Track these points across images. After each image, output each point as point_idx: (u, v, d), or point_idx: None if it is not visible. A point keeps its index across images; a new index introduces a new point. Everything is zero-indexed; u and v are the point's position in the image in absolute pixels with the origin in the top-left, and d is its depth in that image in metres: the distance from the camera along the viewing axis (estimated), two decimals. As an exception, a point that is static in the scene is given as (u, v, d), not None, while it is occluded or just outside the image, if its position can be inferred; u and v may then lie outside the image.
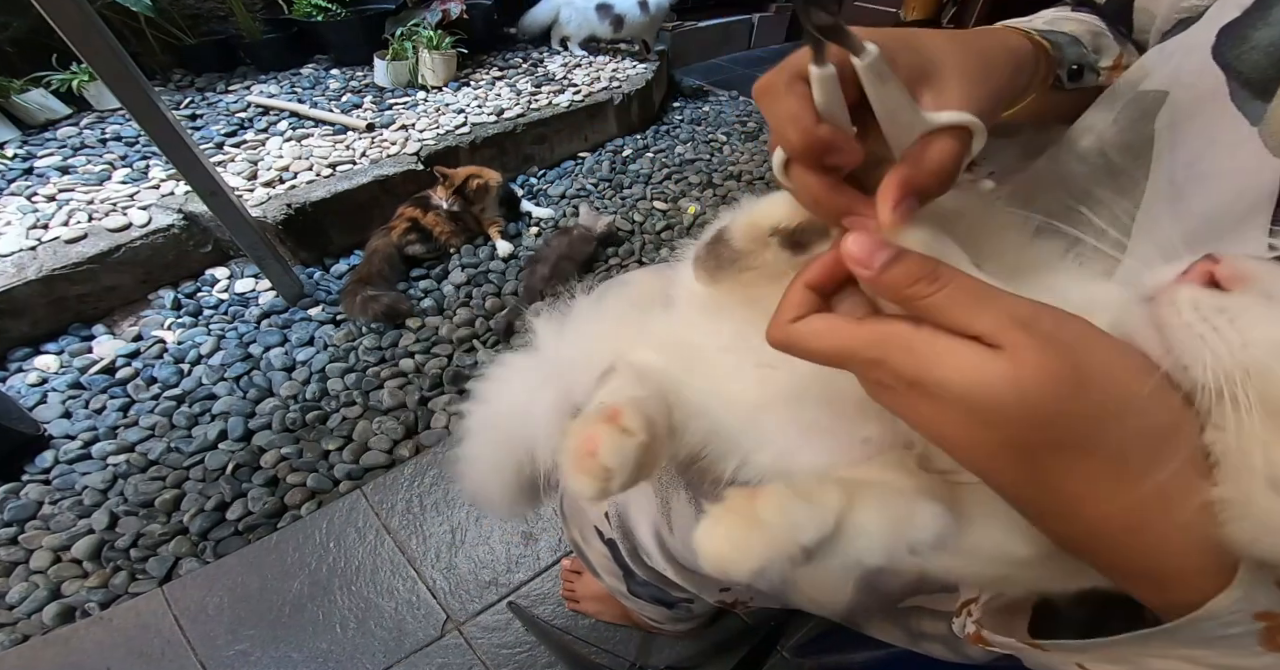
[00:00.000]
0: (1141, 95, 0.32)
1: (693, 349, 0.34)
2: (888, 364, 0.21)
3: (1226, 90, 0.26)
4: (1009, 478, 0.20)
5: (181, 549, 0.91)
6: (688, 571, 0.41)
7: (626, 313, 0.43)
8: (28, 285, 1.15)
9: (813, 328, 0.23)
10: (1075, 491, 0.19)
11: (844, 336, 0.22)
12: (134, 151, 1.55)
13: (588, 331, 0.42)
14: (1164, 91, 0.30)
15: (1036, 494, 0.20)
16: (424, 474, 1.02)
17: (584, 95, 1.92)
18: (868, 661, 0.59)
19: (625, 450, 0.26)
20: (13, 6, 1.58)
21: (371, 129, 1.66)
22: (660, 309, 0.39)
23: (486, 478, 0.46)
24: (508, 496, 0.46)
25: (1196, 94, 0.28)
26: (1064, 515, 0.20)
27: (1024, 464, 0.20)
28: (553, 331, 0.44)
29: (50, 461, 1.01)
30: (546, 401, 0.40)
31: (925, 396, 0.20)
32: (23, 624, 0.83)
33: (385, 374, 1.17)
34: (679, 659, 0.83)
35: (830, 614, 0.37)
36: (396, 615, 0.86)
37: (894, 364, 0.21)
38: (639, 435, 0.27)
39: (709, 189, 1.79)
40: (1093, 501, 0.19)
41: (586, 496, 0.26)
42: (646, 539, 0.40)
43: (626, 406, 0.28)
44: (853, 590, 0.34)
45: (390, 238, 1.40)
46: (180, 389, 1.14)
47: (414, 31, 1.88)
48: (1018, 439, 0.19)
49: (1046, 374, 0.18)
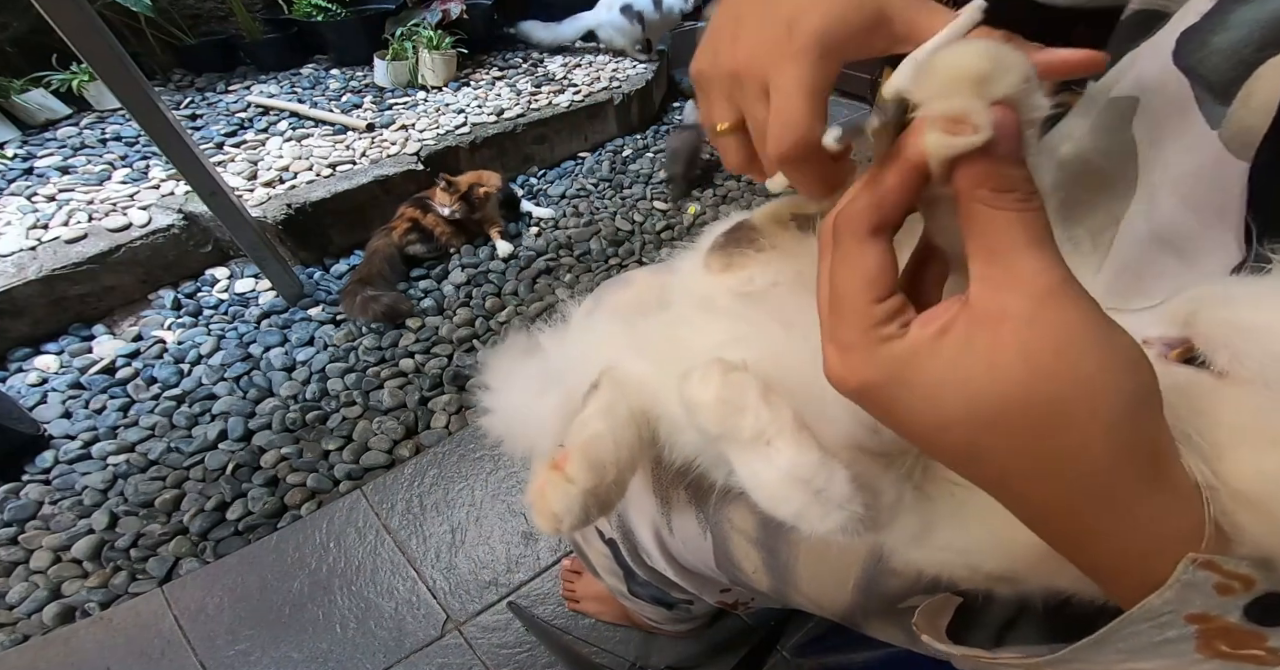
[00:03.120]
0: (1115, 101, 0.32)
1: (686, 351, 0.34)
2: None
3: (1191, 94, 0.27)
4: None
5: (181, 549, 0.91)
6: (688, 572, 0.41)
7: (625, 314, 0.43)
8: (28, 285, 1.15)
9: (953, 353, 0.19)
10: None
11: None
12: (134, 151, 1.55)
13: (587, 336, 0.43)
14: (1135, 97, 0.30)
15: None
16: (424, 474, 1.02)
17: (584, 95, 1.92)
18: (868, 661, 0.59)
19: (569, 497, 0.29)
20: (13, 6, 1.59)
21: (371, 129, 1.66)
22: (656, 310, 0.39)
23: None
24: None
25: (1164, 99, 0.28)
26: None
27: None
28: (555, 335, 0.44)
29: (50, 461, 1.01)
30: (549, 407, 0.40)
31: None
32: (23, 624, 0.83)
33: (385, 374, 1.17)
34: (679, 659, 0.83)
35: (830, 614, 0.37)
36: (396, 615, 0.86)
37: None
38: (580, 483, 0.29)
39: (709, 189, 1.79)
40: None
41: (546, 532, 0.27)
42: (647, 539, 0.40)
43: (576, 452, 0.30)
44: (852, 591, 0.34)
45: (390, 238, 1.40)
46: (180, 389, 1.14)
47: (414, 31, 1.88)
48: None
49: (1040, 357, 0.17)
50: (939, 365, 0.18)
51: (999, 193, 0.18)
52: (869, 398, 0.21)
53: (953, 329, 0.19)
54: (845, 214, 0.21)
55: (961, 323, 0.18)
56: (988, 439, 0.18)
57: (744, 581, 0.37)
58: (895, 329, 0.20)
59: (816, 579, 0.35)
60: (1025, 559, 0.24)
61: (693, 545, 0.38)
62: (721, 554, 0.37)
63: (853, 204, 0.21)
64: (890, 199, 0.20)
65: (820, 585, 0.35)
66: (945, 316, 0.19)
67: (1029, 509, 0.20)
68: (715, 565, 0.38)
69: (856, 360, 0.20)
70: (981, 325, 0.18)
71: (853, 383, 0.21)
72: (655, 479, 0.38)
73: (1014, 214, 0.18)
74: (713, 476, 0.32)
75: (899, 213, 0.21)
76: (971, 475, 0.20)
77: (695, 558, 0.38)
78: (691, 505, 0.37)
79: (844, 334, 0.21)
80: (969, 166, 0.18)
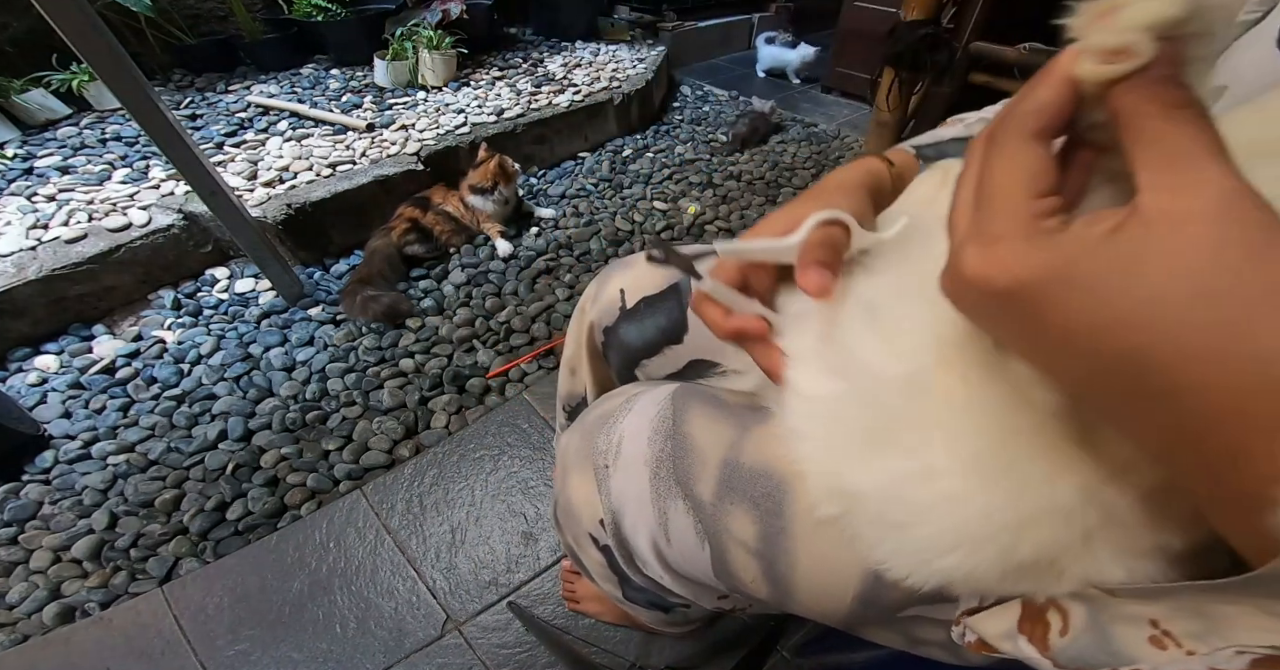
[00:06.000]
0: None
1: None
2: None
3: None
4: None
5: (181, 549, 0.91)
6: (685, 580, 0.40)
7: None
8: (28, 285, 1.15)
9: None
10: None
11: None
12: (134, 151, 1.55)
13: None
14: (1223, 86, 0.30)
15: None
16: (424, 474, 1.02)
17: (584, 95, 1.92)
18: (868, 661, 0.59)
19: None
20: (13, 6, 1.59)
21: (371, 129, 1.66)
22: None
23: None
24: None
25: (1259, 85, 0.28)
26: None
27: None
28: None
29: (50, 461, 1.01)
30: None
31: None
32: (23, 624, 0.83)
33: (385, 374, 1.17)
34: (679, 659, 0.83)
35: (829, 622, 0.37)
36: (396, 615, 0.86)
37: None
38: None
39: (709, 189, 1.79)
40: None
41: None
42: (644, 548, 0.40)
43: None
44: (851, 601, 0.34)
45: (390, 238, 1.40)
46: (180, 389, 1.14)
47: (414, 31, 1.88)
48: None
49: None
50: (1114, 262, 0.17)
51: (1172, 108, 0.17)
52: (1018, 299, 0.19)
53: (1128, 227, 0.17)
54: (1002, 119, 0.20)
55: (1137, 223, 0.17)
56: (1164, 344, 0.16)
57: (742, 590, 0.37)
58: (1056, 223, 0.18)
59: (816, 589, 0.34)
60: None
61: (690, 555, 0.37)
62: (719, 564, 0.36)
63: (1012, 109, 0.20)
64: (1050, 108, 0.19)
65: (819, 595, 0.35)
66: (1116, 217, 0.17)
67: (1193, 421, 0.17)
68: (713, 574, 0.37)
69: (1009, 253, 0.18)
70: (1163, 224, 0.17)
71: (1002, 280, 0.19)
72: (654, 489, 0.38)
73: (1190, 124, 0.17)
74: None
75: (1060, 121, 0.20)
76: (1118, 387, 0.18)
77: (693, 567, 0.38)
78: (690, 515, 0.37)
79: (996, 225, 0.19)
80: (1133, 85, 0.18)
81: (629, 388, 0.45)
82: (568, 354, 0.63)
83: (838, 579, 0.33)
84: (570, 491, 0.43)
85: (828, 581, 0.34)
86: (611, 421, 0.41)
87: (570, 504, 0.43)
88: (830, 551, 0.33)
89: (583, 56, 2.26)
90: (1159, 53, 0.17)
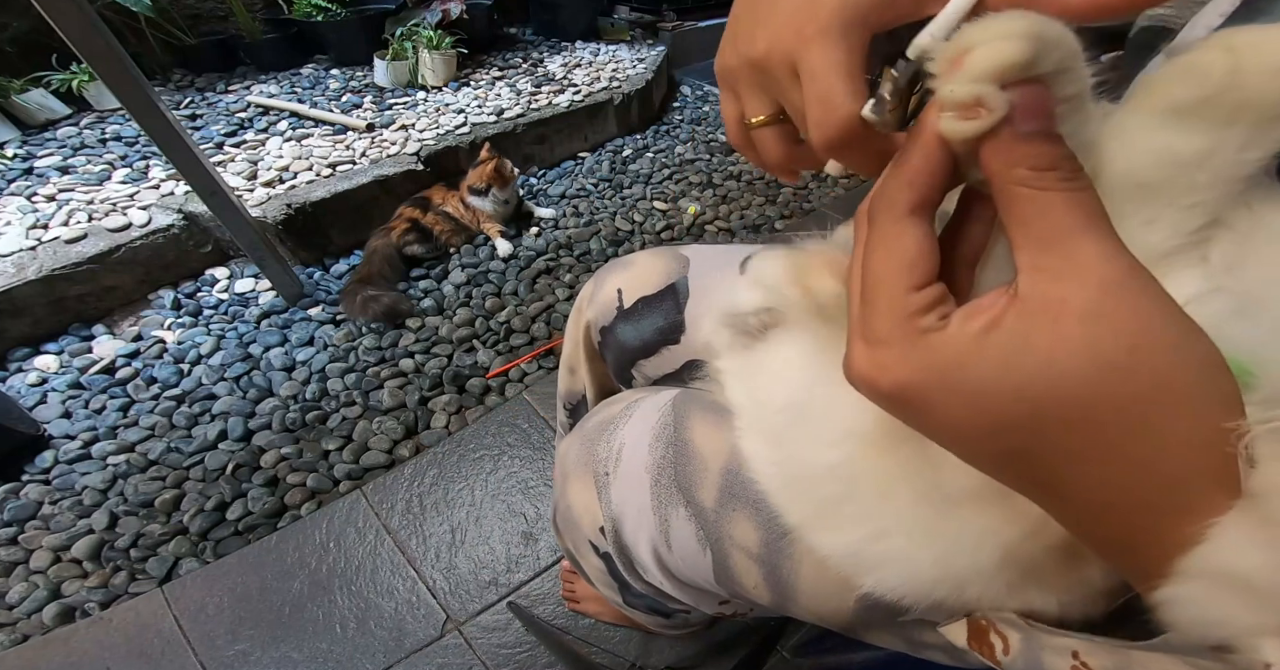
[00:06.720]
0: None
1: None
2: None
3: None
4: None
5: (181, 549, 0.91)
6: (686, 586, 0.40)
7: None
8: (28, 285, 1.15)
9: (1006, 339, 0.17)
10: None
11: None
12: (134, 151, 1.55)
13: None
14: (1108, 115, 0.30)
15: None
16: (424, 474, 1.02)
17: (584, 95, 1.92)
18: (867, 662, 0.59)
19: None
20: (13, 6, 1.59)
21: (371, 129, 1.66)
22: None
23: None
24: None
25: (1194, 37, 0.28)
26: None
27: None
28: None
29: (50, 461, 1.01)
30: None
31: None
32: (23, 624, 0.83)
33: (385, 374, 1.17)
34: (679, 659, 0.83)
35: (830, 626, 0.36)
36: (396, 615, 0.86)
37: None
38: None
39: (709, 189, 1.79)
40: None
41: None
42: (644, 555, 0.39)
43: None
44: (854, 606, 0.34)
45: (390, 238, 1.40)
46: (180, 389, 1.14)
47: (414, 31, 1.88)
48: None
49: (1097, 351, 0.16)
50: (989, 366, 0.17)
51: (1039, 171, 0.16)
52: (902, 401, 0.19)
53: (1003, 323, 0.17)
54: (879, 193, 0.20)
55: (1013, 317, 0.17)
56: (1044, 445, 0.17)
57: (744, 596, 0.37)
58: (934, 320, 0.18)
59: (818, 595, 0.34)
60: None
61: (691, 562, 0.37)
62: (721, 570, 0.36)
63: (886, 182, 0.19)
64: (922, 177, 0.18)
65: (822, 600, 0.34)
66: (992, 310, 0.17)
67: (1079, 512, 0.18)
68: (715, 581, 0.37)
69: (890, 357, 0.18)
70: (1038, 320, 0.16)
71: (884, 384, 0.19)
72: (655, 496, 0.38)
73: (1060, 194, 0.16)
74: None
75: (936, 191, 0.19)
76: (1011, 478, 0.19)
77: (694, 573, 0.38)
78: (691, 522, 0.37)
79: (876, 325, 0.19)
80: (997, 145, 0.17)
81: (629, 394, 0.45)
82: (566, 353, 0.63)
83: (841, 583, 0.33)
84: (570, 498, 0.42)
85: (830, 585, 0.34)
86: (612, 428, 0.41)
87: (570, 511, 0.43)
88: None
89: (582, 56, 2.26)
90: (1021, 101, 0.16)
